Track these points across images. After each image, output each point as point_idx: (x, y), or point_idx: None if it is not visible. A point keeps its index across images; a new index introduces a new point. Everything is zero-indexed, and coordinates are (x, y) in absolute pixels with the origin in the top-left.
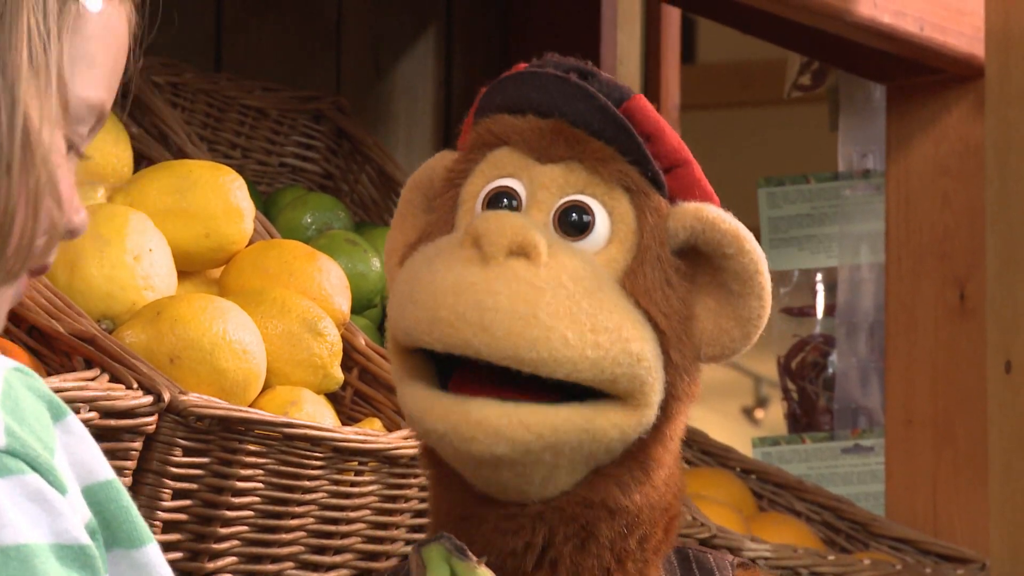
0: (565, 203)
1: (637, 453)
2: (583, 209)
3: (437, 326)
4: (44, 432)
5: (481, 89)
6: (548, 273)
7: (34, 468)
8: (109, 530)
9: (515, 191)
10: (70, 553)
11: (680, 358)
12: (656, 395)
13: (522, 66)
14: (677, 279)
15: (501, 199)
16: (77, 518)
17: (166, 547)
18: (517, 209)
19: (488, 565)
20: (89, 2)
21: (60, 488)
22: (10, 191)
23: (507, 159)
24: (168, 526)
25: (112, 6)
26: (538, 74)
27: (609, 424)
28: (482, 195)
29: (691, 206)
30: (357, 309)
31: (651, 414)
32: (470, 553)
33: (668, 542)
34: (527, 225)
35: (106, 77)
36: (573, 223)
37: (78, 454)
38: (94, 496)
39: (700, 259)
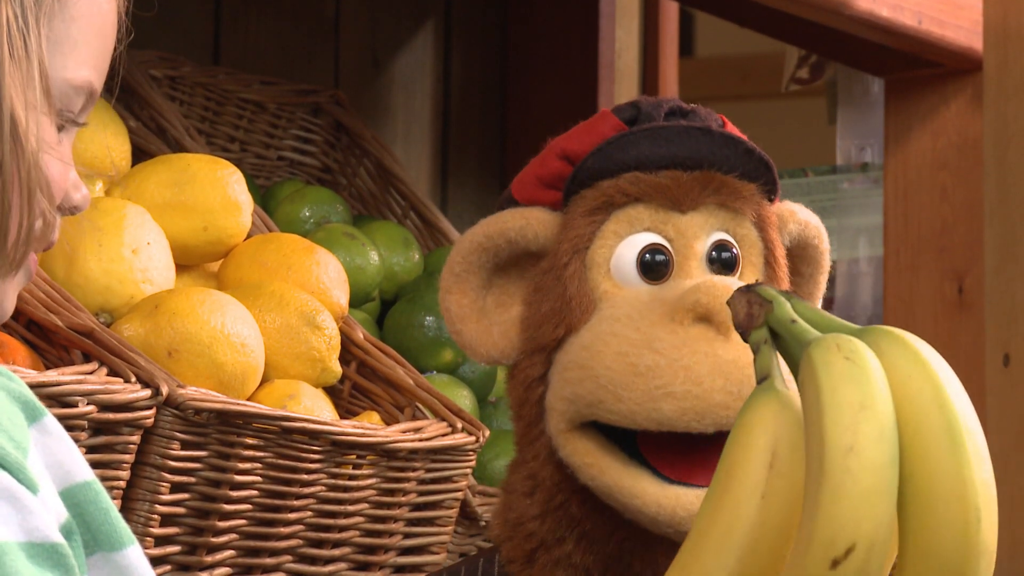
0: (713, 244)
1: None
2: (727, 247)
3: (712, 411)
4: (16, 431)
5: (558, 141)
6: None
7: (3, 466)
8: (89, 532)
9: (662, 246)
10: (42, 551)
11: None
12: None
13: (608, 114)
14: (791, 280)
15: (656, 255)
16: (50, 517)
17: (164, 540)
18: (669, 263)
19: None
20: None
21: (31, 486)
22: (3, 186)
23: (643, 216)
24: (166, 519)
25: None
26: (673, 129)
27: None
28: (630, 255)
29: (786, 209)
30: (355, 302)
31: None
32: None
33: None
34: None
35: (92, 56)
36: (726, 262)
37: (56, 455)
38: (73, 498)
39: (795, 253)
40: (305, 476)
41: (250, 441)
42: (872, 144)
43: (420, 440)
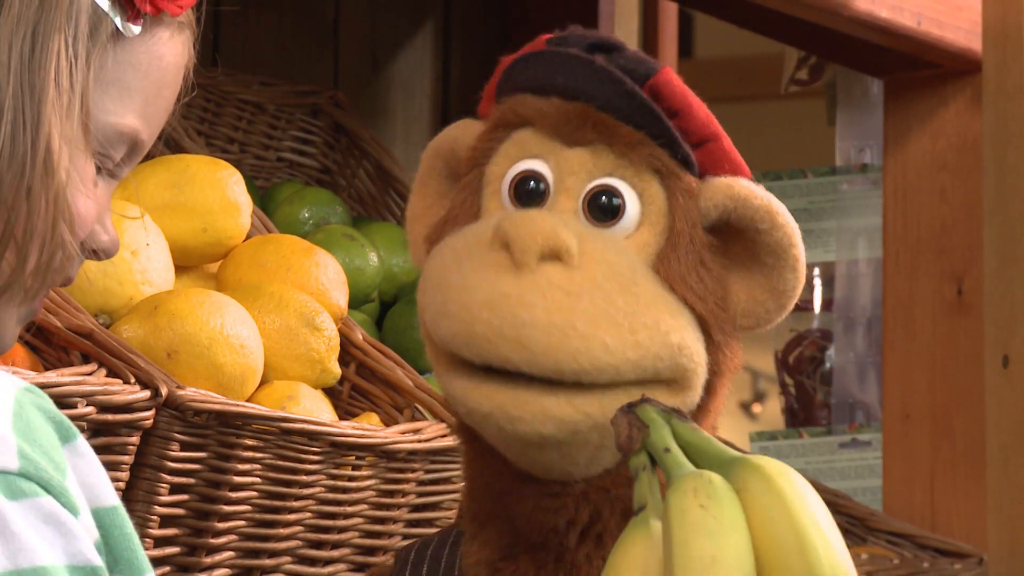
0: (594, 187)
1: None
2: (613, 193)
3: (474, 341)
4: (55, 453)
5: (502, 59)
6: (582, 275)
7: (47, 491)
8: (112, 556)
9: (542, 175)
10: (83, 574)
11: (721, 336)
12: (700, 377)
13: (544, 39)
14: (711, 257)
15: (528, 182)
16: (89, 539)
17: (163, 541)
18: (545, 192)
19: (528, 542)
20: (126, 27)
21: (73, 510)
22: (30, 212)
23: (532, 141)
24: (165, 521)
25: (160, 33)
26: (563, 55)
27: None
28: (508, 178)
29: (722, 182)
30: (354, 304)
31: (695, 395)
32: (686, 413)
33: None
34: (558, 226)
35: (142, 106)
36: (604, 207)
37: (87, 476)
38: (100, 520)
39: (732, 232)
40: (304, 477)
41: (249, 442)
42: (871, 145)
43: (419, 441)
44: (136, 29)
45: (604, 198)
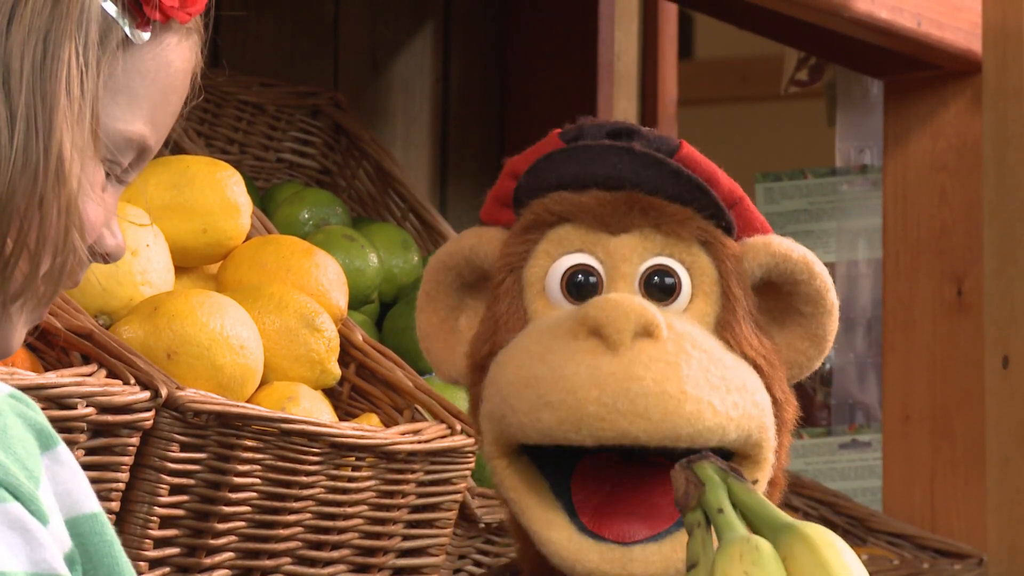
0: (648, 269)
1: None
2: (667, 272)
3: (587, 422)
4: (30, 460)
5: (510, 161)
6: (675, 347)
7: (16, 497)
8: (91, 563)
9: (592, 267)
10: None
11: (781, 393)
12: (774, 440)
13: (555, 134)
14: (760, 316)
15: (578, 276)
16: (57, 549)
17: (163, 542)
18: (597, 284)
19: None
20: (135, 34)
21: (42, 518)
22: (43, 221)
23: (573, 236)
24: (165, 521)
25: (169, 39)
26: (596, 148)
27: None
28: (556, 276)
29: (760, 241)
30: (354, 304)
31: (771, 457)
32: (743, 474)
33: None
34: (644, 304)
35: (150, 112)
36: (661, 287)
37: (66, 484)
38: (78, 528)
39: (769, 288)
40: (304, 478)
41: (249, 443)
42: (871, 146)
43: (419, 442)
44: (145, 36)
45: (658, 278)
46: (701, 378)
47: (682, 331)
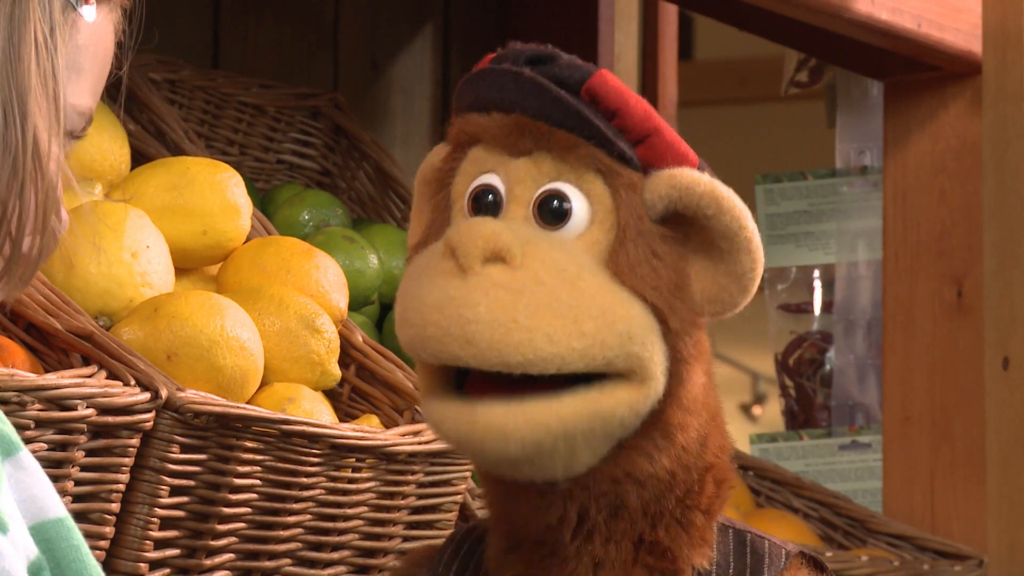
0: (542, 193)
1: (656, 421)
2: (560, 196)
3: (428, 343)
4: None
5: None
6: (524, 274)
7: None
8: (59, 569)
9: (495, 187)
10: None
11: (679, 323)
12: (657, 365)
13: (488, 57)
14: (665, 247)
15: (484, 196)
16: (18, 556)
17: (163, 544)
18: (498, 204)
19: (529, 538)
20: (86, 12)
21: (1, 527)
22: (22, 207)
23: (484, 156)
24: (165, 523)
25: (102, 15)
26: (494, 71)
27: (616, 402)
28: (467, 194)
29: (664, 174)
30: (354, 306)
31: (657, 384)
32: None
33: (720, 498)
34: (498, 230)
35: (92, 84)
36: (552, 211)
37: (30, 490)
38: (44, 534)
39: (687, 221)
40: (304, 479)
41: (249, 444)
42: (871, 147)
43: (419, 443)
44: (93, 11)
45: (554, 202)
46: (542, 306)
47: (543, 257)
